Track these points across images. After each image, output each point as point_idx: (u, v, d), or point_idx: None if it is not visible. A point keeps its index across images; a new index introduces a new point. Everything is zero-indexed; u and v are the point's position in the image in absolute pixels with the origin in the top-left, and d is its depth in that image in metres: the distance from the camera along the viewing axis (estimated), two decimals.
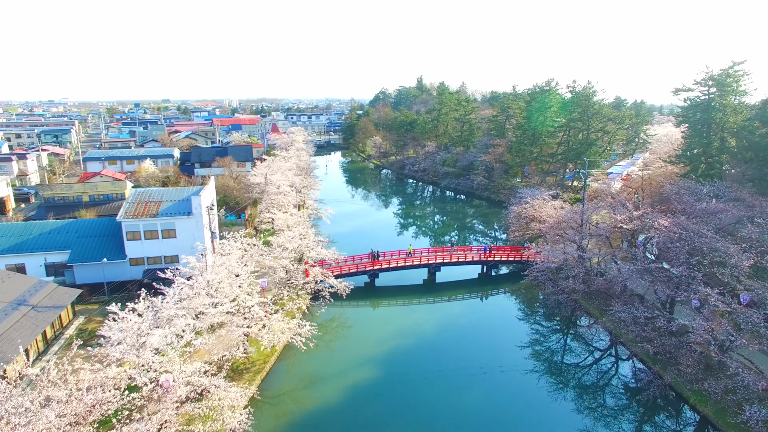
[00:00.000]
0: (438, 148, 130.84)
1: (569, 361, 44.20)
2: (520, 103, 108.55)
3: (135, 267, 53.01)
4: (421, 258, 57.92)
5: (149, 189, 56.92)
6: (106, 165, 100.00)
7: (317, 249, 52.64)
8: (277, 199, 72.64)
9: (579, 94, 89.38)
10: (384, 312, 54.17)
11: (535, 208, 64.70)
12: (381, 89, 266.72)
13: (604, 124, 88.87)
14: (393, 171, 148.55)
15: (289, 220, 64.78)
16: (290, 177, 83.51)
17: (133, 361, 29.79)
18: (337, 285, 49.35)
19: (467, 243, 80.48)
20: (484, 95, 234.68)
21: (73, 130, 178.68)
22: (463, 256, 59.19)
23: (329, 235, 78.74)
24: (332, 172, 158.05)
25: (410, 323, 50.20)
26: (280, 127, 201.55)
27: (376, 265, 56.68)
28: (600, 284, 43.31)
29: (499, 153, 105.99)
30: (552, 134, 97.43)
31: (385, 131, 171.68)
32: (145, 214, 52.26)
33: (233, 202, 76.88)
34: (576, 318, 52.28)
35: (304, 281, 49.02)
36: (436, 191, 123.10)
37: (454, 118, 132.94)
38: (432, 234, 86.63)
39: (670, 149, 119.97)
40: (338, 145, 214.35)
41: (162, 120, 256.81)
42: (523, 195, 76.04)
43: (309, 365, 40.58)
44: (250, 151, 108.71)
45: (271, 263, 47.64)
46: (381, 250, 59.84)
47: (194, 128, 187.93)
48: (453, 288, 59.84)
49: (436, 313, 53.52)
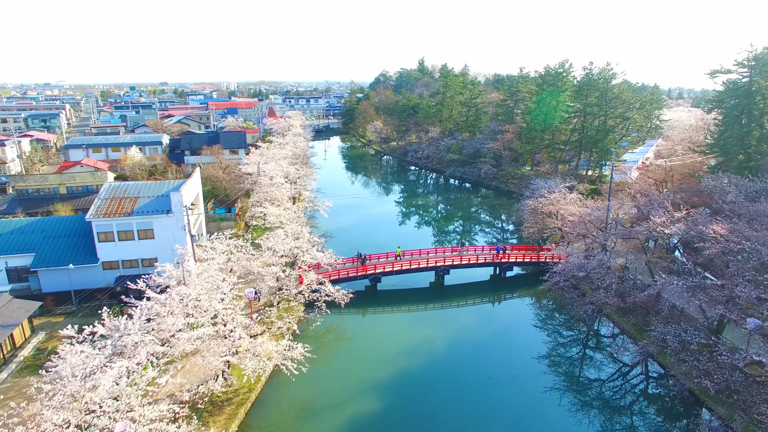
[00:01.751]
0: (442, 133, 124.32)
1: (592, 376, 39.30)
2: (530, 86, 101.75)
3: (109, 272, 47.42)
4: (428, 260, 52.25)
5: (125, 183, 51.04)
6: (89, 153, 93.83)
7: (312, 252, 46.99)
8: (270, 191, 66.76)
9: (596, 77, 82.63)
10: (387, 320, 48.74)
11: (554, 203, 58.90)
12: (381, 71, 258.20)
13: (623, 110, 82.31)
14: (395, 157, 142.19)
15: (282, 216, 59.03)
16: (285, 167, 77.48)
17: (82, 404, 24.40)
18: (334, 293, 43.75)
19: (475, 236, 74.80)
20: (487, 78, 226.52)
21: (62, 114, 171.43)
22: (475, 257, 53.48)
23: (327, 230, 73.29)
24: (331, 158, 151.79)
25: (416, 334, 44.75)
26: (278, 111, 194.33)
27: (368, 270, 50.98)
28: (638, 298, 37.36)
29: (507, 140, 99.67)
30: (566, 120, 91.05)
31: (386, 115, 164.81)
32: (119, 212, 46.48)
33: (223, 195, 71.02)
34: (598, 325, 47.03)
35: (298, 290, 43.40)
36: (439, 179, 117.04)
37: (460, 102, 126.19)
38: (437, 228, 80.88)
39: (687, 136, 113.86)
40: (337, 130, 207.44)
41: (157, 104, 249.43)
42: (538, 187, 70.18)
43: (302, 392, 35.16)
44: (244, 138, 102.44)
45: (260, 270, 42.00)
46: (381, 247, 54.53)
47: (188, 112, 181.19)
48: (462, 292, 54.33)
49: (444, 321, 47.97)
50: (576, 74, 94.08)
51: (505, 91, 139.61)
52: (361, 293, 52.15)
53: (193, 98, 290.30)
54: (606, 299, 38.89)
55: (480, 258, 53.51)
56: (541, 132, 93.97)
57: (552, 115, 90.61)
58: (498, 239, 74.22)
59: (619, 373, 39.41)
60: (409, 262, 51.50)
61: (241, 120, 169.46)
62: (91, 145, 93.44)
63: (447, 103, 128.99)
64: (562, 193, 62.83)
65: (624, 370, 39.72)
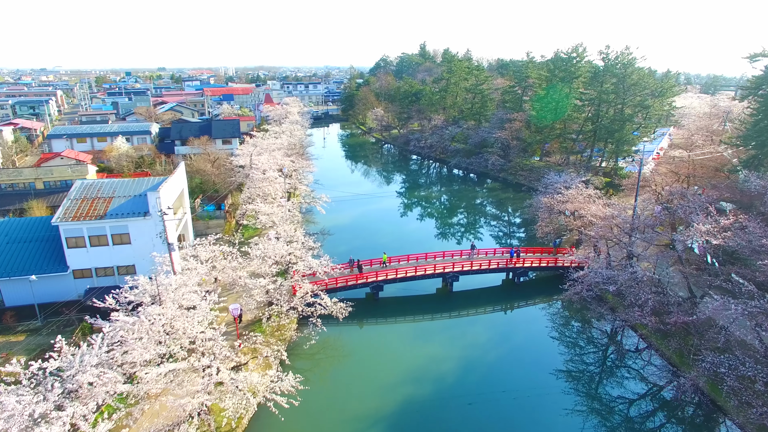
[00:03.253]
0: (446, 121, 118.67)
1: (615, 392, 35.20)
2: (542, 72, 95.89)
3: (81, 281, 42.66)
4: (435, 266, 47.40)
5: (98, 181, 46.04)
6: (73, 143, 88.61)
7: (307, 259, 42.16)
8: (262, 186, 61.72)
9: (614, 62, 76.83)
10: (389, 333, 44.04)
11: (571, 200, 53.92)
12: (382, 56, 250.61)
13: (643, 98, 76.68)
14: (396, 146, 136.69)
15: (275, 215, 54.13)
16: (279, 159, 72.31)
17: None
18: (331, 307, 39.01)
19: (482, 232, 69.94)
20: (490, 63, 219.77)
21: (51, 101, 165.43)
22: (487, 262, 48.60)
23: (324, 227, 68.43)
24: (330, 146, 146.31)
25: (422, 349, 40.06)
26: (275, 98, 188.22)
27: (369, 278, 46.17)
28: (680, 319, 32.22)
29: (515, 129, 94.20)
30: (578, 108, 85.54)
31: (387, 102, 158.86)
32: (90, 214, 41.54)
33: (212, 190, 65.98)
34: (621, 337, 42.46)
35: (290, 305, 38.63)
36: (443, 169, 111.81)
37: (464, 88, 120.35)
38: (443, 224, 75.91)
39: (704, 124, 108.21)
40: (337, 117, 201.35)
41: (152, 90, 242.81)
42: (551, 182, 65.16)
43: (293, 427, 30.55)
44: (237, 127, 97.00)
45: (248, 281, 37.18)
46: (383, 248, 49.69)
47: (183, 99, 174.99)
48: (472, 299, 49.62)
49: (453, 333, 43.22)
50: (590, 59, 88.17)
51: (511, 77, 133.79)
52: (360, 302, 47.44)
53: (189, 84, 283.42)
54: (641, 319, 33.98)
55: (492, 263, 48.65)
56: (551, 121, 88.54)
57: (564, 103, 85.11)
58: (509, 239, 69.39)
59: (650, 396, 34.91)
60: (414, 268, 46.65)
61: (237, 107, 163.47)
62: (74, 135, 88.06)
63: (451, 90, 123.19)
64: (578, 189, 57.87)
65: (654, 391, 35.22)
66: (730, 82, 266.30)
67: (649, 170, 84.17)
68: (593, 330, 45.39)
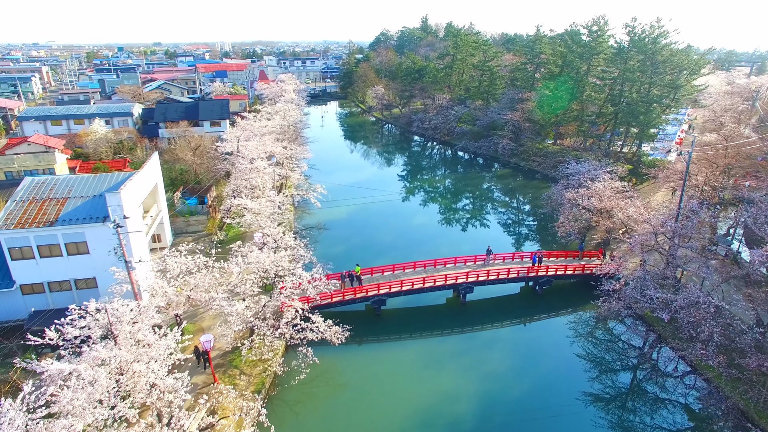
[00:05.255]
0: (452, 101, 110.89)
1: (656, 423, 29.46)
2: (558, 47, 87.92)
3: (32, 297, 36.46)
4: (447, 276, 41.06)
5: (51, 178, 39.34)
6: (48, 126, 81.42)
7: (298, 272, 35.80)
8: (249, 177, 55.00)
9: (642, 37, 68.89)
10: (393, 356, 37.85)
11: (600, 196, 47.38)
12: (382, 30, 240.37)
13: (674, 77, 69.15)
14: (398, 127, 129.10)
15: (263, 213, 47.63)
16: (269, 145, 65.32)
17: None
18: (325, 332, 32.84)
19: (494, 227, 63.51)
20: (494, 37, 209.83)
21: (35, 78, 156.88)
22: (505, 271, 42.23)
23: (320, 221, 62.14)
24: (328, 126, 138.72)
25: (432, 383, 34.02)
26: (270, 74, 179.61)
27: (369, 291, 39.85)
28: (759, 362, 25.47)
29: (528, 109, 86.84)
30: (599, 88, 78.11)
31: (387, 79, 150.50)
32: (38, 220, 35.06)
33: (194, 181, 59.23)
34: (657, 354, 36.57)
35: (275, 331, 32.42)
36: (447, 152, 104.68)
37: (471, 65, 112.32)
38: (450, 217, 69.27)
39: (728, 104, 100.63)
40: (335, 94, 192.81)
41: (143, 66, 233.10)
42: (573, 172, 58.52)
43: None
44: (226, 107, 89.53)
45: (224, 306, 30.88)
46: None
47: (174, 76, 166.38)
48: (487, 312, 43.46)
49: (467, 361, 36.89)
50: (613, 32, 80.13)
51: (520, 52, 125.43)
52: (359, 315, 41.44)
53: (182, 60, 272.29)
54: (706, 359, 27.71)
55: (512, 271, 42.29)
56: (567, 102, 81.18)
57: (582, 82, 77.69)
58: (526, 237, 62.79)
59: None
60: (422, 279, 40.28)
61: (230, 84, 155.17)
62: (46, 117, 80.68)
63: (457, 66, 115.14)
64: (605, 182, 51.26)
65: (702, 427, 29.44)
66: (741, 57, 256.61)
67: (674, 157, 77.41)
68: (621, 343, 39.62)
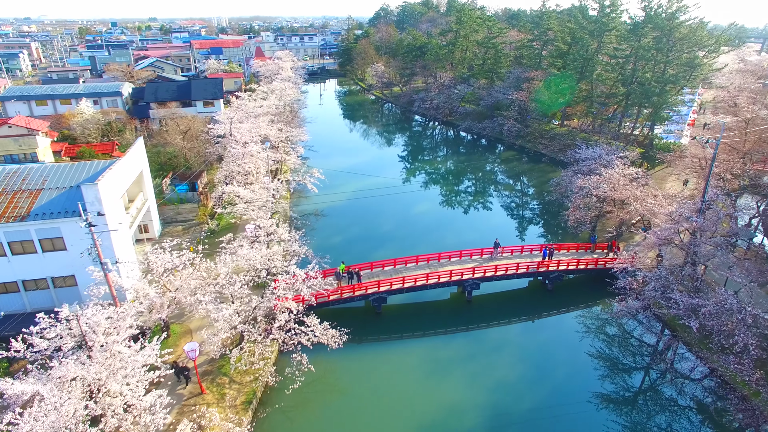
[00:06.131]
0: (455, 79, 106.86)
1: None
2: (568, 24, 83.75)
3: (5, 297, 33.89)
4: (452, 272, 38.42)
5: (24, 167, 36.33)
6: (32, 106, 77.86)
7: (291, 269, 33.08)
8: (242, 163, 51.96)
9: (659, 12, 64.82)
10: (394, 358, 35.32)
11: (615, 185, 44.52)
12: (382, 5, 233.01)
13: (693, 56, 65.32)
14: (398, 106, 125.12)
15: (256, 202, 44.80)
16: (264, 127, 62.02)
17: None
18: (322, 335, 30.34)
19: (500, 214, 60.78)
20: (497, 13, 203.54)
21: (23, 54, 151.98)
22: (514, 266, 39.55)
23: (317, 207, 59.44)
24: (326, 104, 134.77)
25: (438, 393, 31.66)
26: (267, 51, 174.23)
27: (369, 288, 37.24)
28: None
29: (534, 89, 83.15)
30: (610, 67, 74.31)
31: (388, 56, 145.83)
32: (8, 215, 32.25)
33: (184, 166, 56.17)
34: (674, 354, 34.29)
35: (267, 335, 29.89)
36: (449, 133, 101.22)
37: (475, 41, 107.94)
38: (454, 202, 66.42)
39: (742, 83, 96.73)
40: (334, 72, 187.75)
41: (137, 42, 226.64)
42: (583, 156, 55.56)
43: None
44: (220, 86, 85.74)
45: (211, 310, 28.27)
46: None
47: (168, 53, 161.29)
48: (494, 309, 40.93)
49: (475, 366, 34.37)
50: (626, 7, 76.08)
51: (525, 28, 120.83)
52: (358, 312, 39.01)
53: (177, 36, 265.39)
54: (742, 375, 25.10)
55: (521, 266, 39.64)
56: (575, 81, 77.55)
57: (592, 61, 73.93)
58: (533, 224, 59.95)
59: None
60: (425, 275, 37.68)
61: (225, 62, 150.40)
62: (30, 97, 76.97)
63: (460, 43, 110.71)
64: (619, 169, 48.32)
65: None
66: (751, 33, 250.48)
67: (687, 140, 74.18)
68: (635, 341, 37.39)
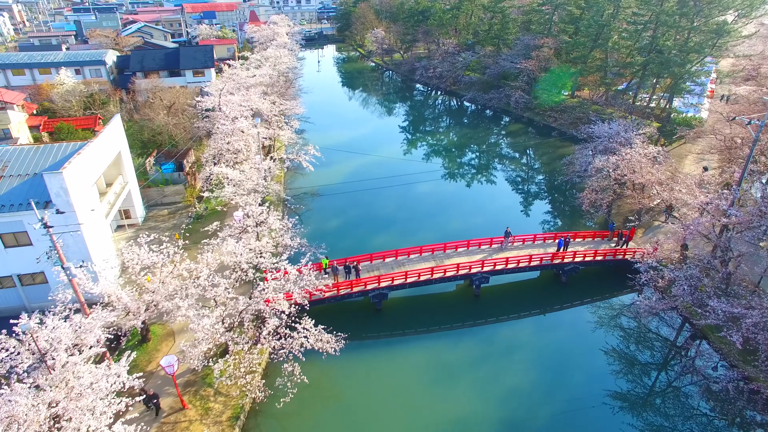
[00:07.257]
0: (459, 46, 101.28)
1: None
2: None
3: None
4: (459, 265, 35.21)
5: None
6: (9, 76, 73.15)
7: (281, 266, 29.85)
8: (231, 140, 48.10)
9: None
10: (395, 361, 32.48)
11: (636, 168, 40.92)
12: None
13: (721, 23, 60.17)
14: (399, 74, 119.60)
15: (244, 183, 41.25)
16: (255, 100, 57.75)
17: None
18: (317, 341, 27.34)
19: (508, 195, 57.25)
20: None
21: (2, 18, 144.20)
22: (526, 258, 36.33)
23: (313, 187, 56.08)
24: (324, 72, 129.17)
25: (444, 404, 29.03)
26: (262, 15, 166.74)
27: (368, 284, 34.06)
28: None
29: (544, 58, 78.24)
30: (628, 34, 69.24)
31: (388, 21, 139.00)
32: None
33: (169, 144, 52.24)
34: (696, 352, 31.64)
35: (257, 348, 26.88)
36: (452, 102, 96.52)
37: (481, 5, 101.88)
38: (458, 184, 62.70)
39: (764, 49, 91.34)
40: (332, 37, 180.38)
41: (127, 5, 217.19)
42: (599, 133, 51.71)
43: None
44: (210, 54, 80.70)
45: (191, 318, 25.13)
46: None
47: (158, 17, 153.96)
48: (503, 304, 37.86)
49: (484, 371, 31.55)
50: None
51: None
52: (356, 309, 36.06)
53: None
54: None
55: (534, 258, 36.44)
56: (589, 50, 72.63)
57: (608, 27, 68.90)
58: (543, 206, 56.18)
59: None
60: (431, 269, 34.47)
61: (218, 27, 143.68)
62: (7, 65, 71.91)
63: (465, 8, 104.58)
64: (639, 149, 44.61)
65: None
66: None
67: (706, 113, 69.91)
68: (652, 335, 34.81)
